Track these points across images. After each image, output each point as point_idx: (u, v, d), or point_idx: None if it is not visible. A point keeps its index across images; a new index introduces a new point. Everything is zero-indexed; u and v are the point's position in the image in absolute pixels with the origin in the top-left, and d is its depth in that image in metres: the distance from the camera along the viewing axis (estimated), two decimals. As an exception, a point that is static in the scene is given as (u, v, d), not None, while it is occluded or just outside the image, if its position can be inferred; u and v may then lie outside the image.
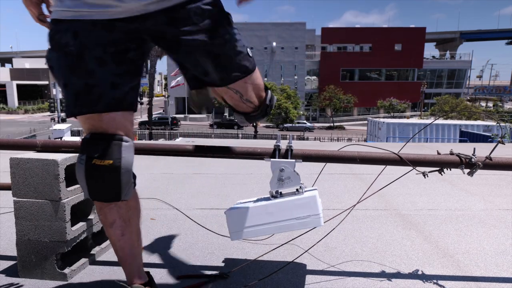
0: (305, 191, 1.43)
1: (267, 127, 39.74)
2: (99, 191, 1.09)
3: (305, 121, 35.49)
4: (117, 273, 1.60)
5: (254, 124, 33.52)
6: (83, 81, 1.02)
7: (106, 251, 1.80)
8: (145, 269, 1.57)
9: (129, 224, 1.21)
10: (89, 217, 1.68)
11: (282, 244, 1.89)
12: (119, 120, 1.09)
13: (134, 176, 1.16)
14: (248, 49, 1.23)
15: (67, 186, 1.52)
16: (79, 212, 1.68)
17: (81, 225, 1.60)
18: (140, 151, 1.58)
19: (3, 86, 47.00)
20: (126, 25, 1.01)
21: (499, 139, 1.49)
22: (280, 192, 1.39)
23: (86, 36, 1.00)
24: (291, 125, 34.50)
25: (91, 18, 0.99)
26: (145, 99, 38.24)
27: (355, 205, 1.71)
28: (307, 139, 28.05)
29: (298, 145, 5.52)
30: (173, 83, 25.65)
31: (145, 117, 34.73)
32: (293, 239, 1.93)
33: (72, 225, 1.54)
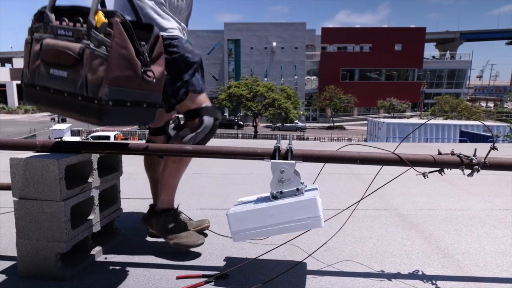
0: (306, 191, 1.44)
1: (267, 127, 39.74)
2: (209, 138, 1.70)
3: (297, 121, 35.37)
4: (117, 273, 1.60)
5: (254, 124, 33.55)
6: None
7: (106, 251, 1.80)
8: (145, 269, 1.57)
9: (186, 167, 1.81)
10: (89, 217, 1.68)
11: (282, 244, 1.89)
12: None
13: None
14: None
15: (67, 186, 1.52)
16: (79, 212, 1.68)
17: (81, 225, 1.60)
18: (141, 151, 1.58)
19: (3, 86, 47.03)
20: None
21: (491, 145, 1.48)
22: (281, 192, 1.40)
23: None
24: (281, 125, 34.41)
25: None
26: (145, 99, 38.10)
27: (356, 206, 1.72)
28: (307, 139, 28.04)
29: (298, 145, 5.52)
30: None
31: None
32: (292, 239, 1.93)
33: (72, 225, 1.54)
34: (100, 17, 1.14)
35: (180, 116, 1.79)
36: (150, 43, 1.30)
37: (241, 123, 39.57)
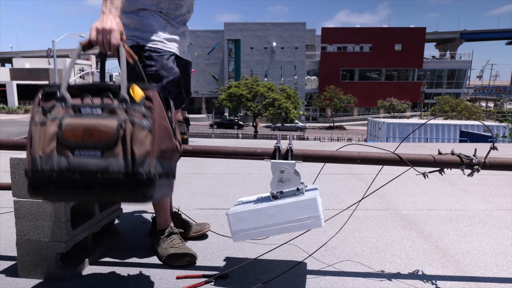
0: (306, 191, 1.44)
1: (267, 127, 39.74)
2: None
3: (297, 121, 35.39)
4: (117, 273, 1.60)
5: (254, 124, 33.56)
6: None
7: (106, 251, 1.80)
8: (146, 269, 1.57)
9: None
10: (89, 217, 1.68)
11: (282, 244, 1.89)
12: None
13: None
14: None
15: (67, 186, 1.52)
16: (79, 212, 1.68)
17: (81, 225, 1.60)
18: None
19: (3, 86, 47.02)
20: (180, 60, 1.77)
21: (491, 145, 1.48)
22: (281, 191, 1.40)
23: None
24: (281, 125, 34.42)
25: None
26: (145, 99, 38.07)
27: (356, 206, 1.72)
28: (307, 139, 28.05)
29: (298, 145, 5.52)
30: None
31: (145, 117, 34.62)
32: (292, 239, 1.94)
33: (72, 225, 1.54)
34: (138, 91, 1.13)
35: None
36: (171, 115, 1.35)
37: (241, 123, 39.56)
